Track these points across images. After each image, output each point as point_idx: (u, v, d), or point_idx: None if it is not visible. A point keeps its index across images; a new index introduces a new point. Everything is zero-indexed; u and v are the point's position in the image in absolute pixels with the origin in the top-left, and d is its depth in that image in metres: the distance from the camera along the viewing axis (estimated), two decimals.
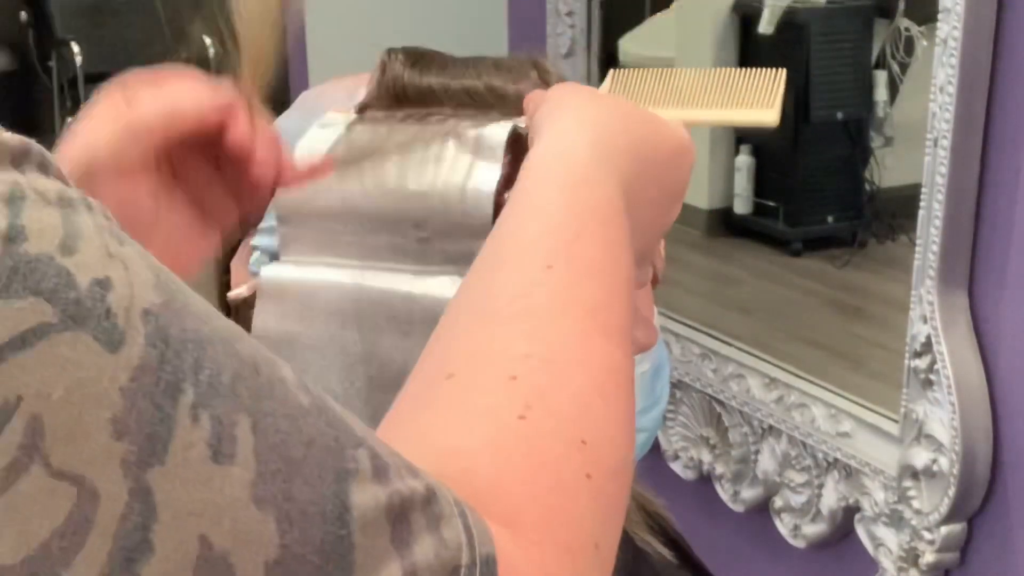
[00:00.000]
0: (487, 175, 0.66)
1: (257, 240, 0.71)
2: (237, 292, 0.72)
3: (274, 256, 0.70)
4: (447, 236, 0.66)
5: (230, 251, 0.74)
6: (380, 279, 0.66)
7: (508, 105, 0.70)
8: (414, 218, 0.66)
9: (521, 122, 0.68)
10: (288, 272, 0.68)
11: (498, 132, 0.67)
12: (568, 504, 0.45)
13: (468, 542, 0.41)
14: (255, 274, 0.71)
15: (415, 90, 0.70)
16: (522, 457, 0.45)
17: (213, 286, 0.75)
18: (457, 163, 0.67)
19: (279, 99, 0.77)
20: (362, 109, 0.71)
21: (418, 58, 0.71)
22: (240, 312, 0.74)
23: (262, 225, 0.71)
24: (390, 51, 0.72)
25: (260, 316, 0.68)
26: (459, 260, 0.66)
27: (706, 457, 1.84)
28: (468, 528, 0.41)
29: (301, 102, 0.75)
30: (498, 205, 0.65)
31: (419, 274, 0.66)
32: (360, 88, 0.72)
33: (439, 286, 0.65)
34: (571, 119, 0.58)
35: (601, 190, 0.55)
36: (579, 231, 0.52)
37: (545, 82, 0.71)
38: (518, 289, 0.51)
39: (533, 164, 0.57)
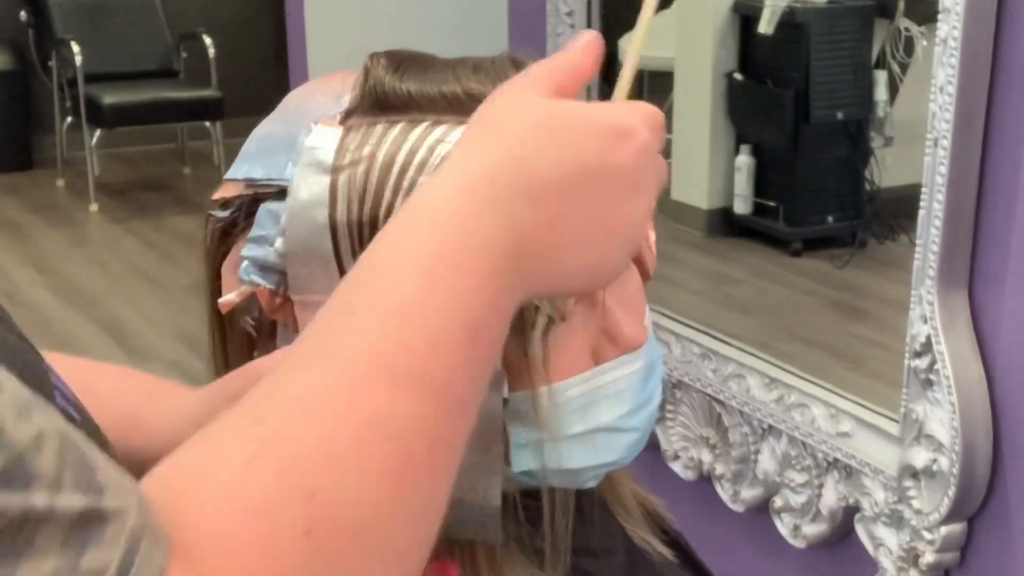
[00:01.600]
0: None
1: (247, 250, 0.71)
2: (228, 298, 0.72)
3: (263, 266, 0.70)
4: None
5: (220, 257, 0.74)
6: None
7: None
8: None
9: None
10: None
11: None
12: (271, 560, 0.43)
13: (118, 573, 0.40)
14: (244, 282, 0.71)
15: (395, 96, 0.70)
16: (231, 505, 0.43)
17: (205, 292, 0.75)
18: None
19: (279, 99, 0.77)
20: (346, 116, 0.71)
21: (400, 62, 0.72)
22: (231, 318, 0.74)
23: (252, 234, 0.71)
24: (373, 56, 0.72)
25: None
26: None
27: (706, 457, 1.84)
28: (128, 561, 0.40)
29: (285, 104, 0.75)
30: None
31: None
32: (345, 91, 0.72)
33: None
34: (469, 148, 0.55)
35: (459, 232, 0.51)
36: (399, 274, 0.50)
37: None
38: (317, 332, 0.50)
39: (411, 198, 0.54)
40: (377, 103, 0.71)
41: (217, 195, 0.74)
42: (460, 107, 0.70)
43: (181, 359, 3.95)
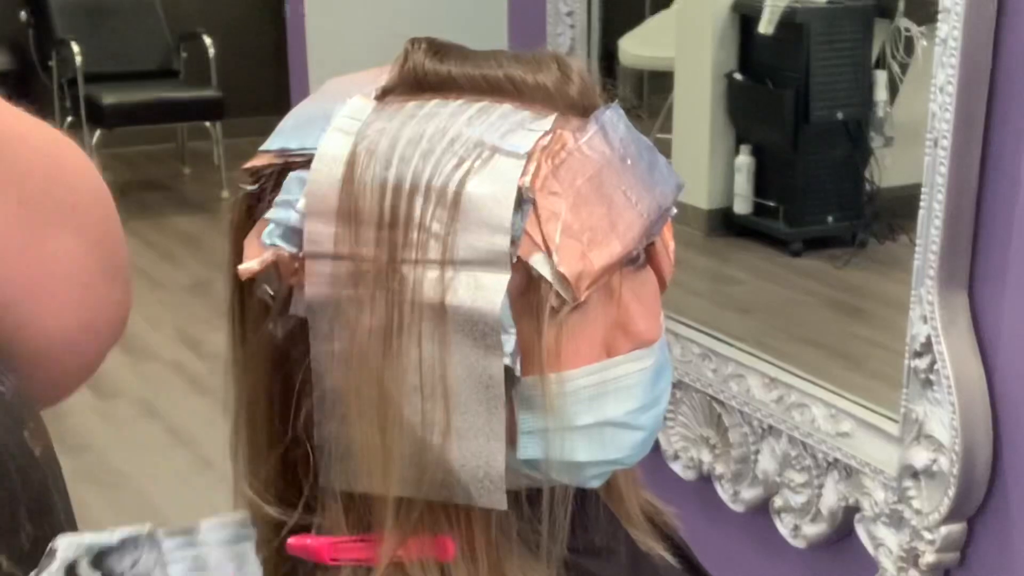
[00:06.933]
0: (508, 173, 0.67)
1: (272, 213, 0.72)
2: (248, 265, 0.72)
3: (286, 229, 0.71)
4: (467, 230, 0.67)
5: (245, 232, 0.74)
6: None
7: (525, 95, 0.71)
8: (439, 212, 0.68)
9: (545, 124, 0.69)
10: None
11: (524, 137, 0.68)
12: None
13: None
14: (267, 246, 0.71)
15: (435, 77, 0.71)
16: None
17: (227, 264, 0.76)
18: (479, 159, 0.68)
19: (279, 99, 0.78)
20: (384, 94, 0.72)
21: (440, 47, 0.73)
22: (249, 289, 0.74)
23: (278, 199, 0.71)
24: (413, 40, 0.73)
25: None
26: (478, 255, 0.67)
27: (706, 457, 1.84)
28: None
29: (324, 88, 0.76)
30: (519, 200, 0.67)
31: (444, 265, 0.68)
32: (383, 76, 0.73)
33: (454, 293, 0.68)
34: None
35: None
36: None
37: (566, 75, 0.72)
38: None
39: None
40: (416, 83, 0.71)
41: (248, 164, 0.74)
42: (500, 89, 0.70)
43: (181, 359, 3.95)
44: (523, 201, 0.68)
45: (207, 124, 5.96)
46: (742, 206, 2.15)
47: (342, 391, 0.70)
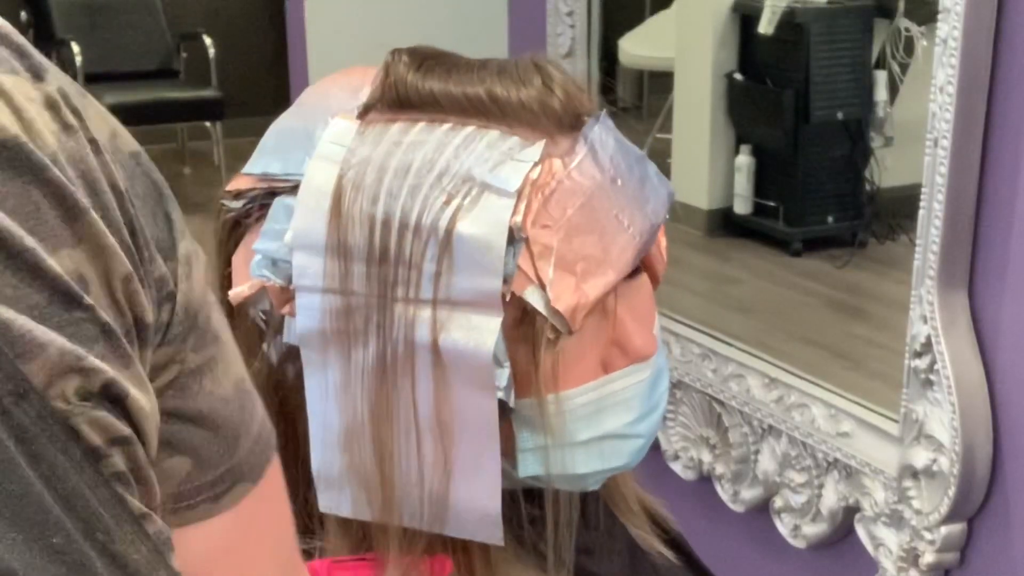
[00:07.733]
0: (499, 213, 0.66)
1: (259, 244, 0.71)
2: (238, 290, 0.72)
3: (274, 261, 0.70)
4: (459, 271, 0.66)
5: (231, 247, 0.74)
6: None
7: (509, 115, 0.69)
8: (430, 251, 0.67)
9: (533, 154, 0.68)
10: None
11: (513, 171, 0.67)
12: None
13: None
14: (256, 276, 0.71)
15: (417, 95, 0.69)
16: None
17: (216, 284, 0.75)
18: (468, 197, 0.67)
19: (279, 99, 0.77)
20: (364, 112, 0.70)
21: (422, 60, 0.71)
22: (240, 310, 0.74)
23: (265, 228, 0.71)
24: (395, 52, 0.71)
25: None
26: (471, 296, 0.66)
27: (706, 457, 1.84)
28: None
29: (303, 100, 0.75)
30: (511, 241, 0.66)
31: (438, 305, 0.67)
32: (364, 86, 0.71)
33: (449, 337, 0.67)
34: None
35: None
36: None
37: (549, 88, 0.71)
38: None
39: None
40: (397, 100, 0.70)
41: (231, 186, 0.74)
42: (484, 110, 0.69)
43: None
44: (515, 240, 0.66)
45: (207, 124, 5.96)
46: (742, 206, 2.15)
47: (337, 422, 0.69)
